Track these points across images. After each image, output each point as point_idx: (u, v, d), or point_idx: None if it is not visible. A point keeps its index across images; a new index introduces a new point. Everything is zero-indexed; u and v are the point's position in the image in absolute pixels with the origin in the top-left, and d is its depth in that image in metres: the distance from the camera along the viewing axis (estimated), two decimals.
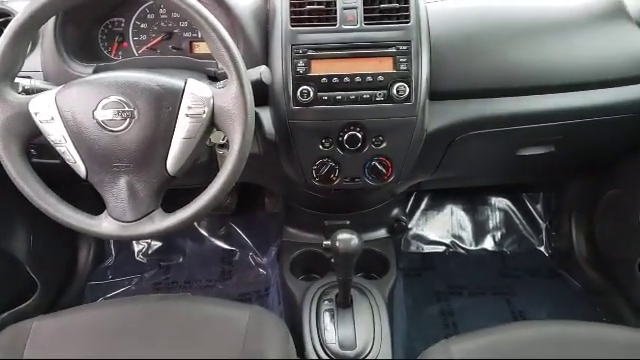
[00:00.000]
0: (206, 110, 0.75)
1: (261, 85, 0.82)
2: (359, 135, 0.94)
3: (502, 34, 1.00)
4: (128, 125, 0.74)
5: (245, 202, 1.66)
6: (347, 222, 1.26)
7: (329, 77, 0.92)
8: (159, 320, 0.86)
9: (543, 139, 1.12)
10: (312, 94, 0.91)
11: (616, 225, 1.38)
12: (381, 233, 1.35)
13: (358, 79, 0.92)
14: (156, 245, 1.67)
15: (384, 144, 0.96)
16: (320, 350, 1.00)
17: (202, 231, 1.69)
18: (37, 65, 0.96)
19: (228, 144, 0.76)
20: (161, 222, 0.77)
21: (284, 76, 0.92)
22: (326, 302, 1.08)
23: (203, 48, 1.02)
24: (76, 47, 0.96)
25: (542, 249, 1.69)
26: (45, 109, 0.74)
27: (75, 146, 0.75)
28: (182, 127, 0.75)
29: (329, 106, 0.92)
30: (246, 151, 0.75)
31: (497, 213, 1.74)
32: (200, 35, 1.01)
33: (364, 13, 0.92)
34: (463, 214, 1.74)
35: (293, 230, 1.34)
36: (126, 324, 0.84)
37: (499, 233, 1.72)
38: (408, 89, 0.91)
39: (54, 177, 0.84)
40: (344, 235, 0.91)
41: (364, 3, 0.92)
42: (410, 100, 0.92)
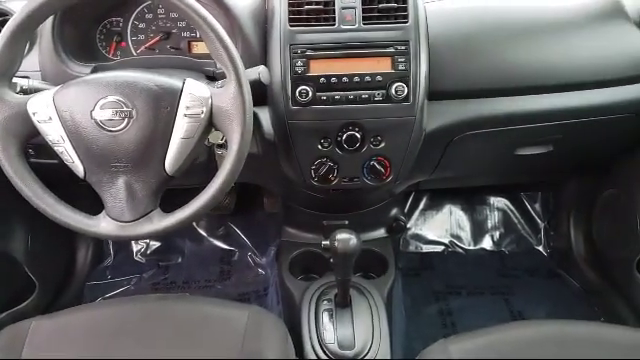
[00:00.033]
0: (204, 110, 0.75)
1: (260, 85, 0.82)
2: (358, 135, 0.94)
3: (500, 34, 1.00)
4: (126, 125, 0.73)
5: (244, 202, 1.66)
6: (346, 222, 1.25)
7: (328, 77, 0.92)
8: (158, 320, 0.85)
9: (541, 139, 1.12)
10: (311, 94, 0.91)
11: (613, 225, 1.38)
12: (380, 233, 1.35)
13: (357, 79, 0.92)
14: (155, 245, 1.67)
15: (383, 144, 0.96)
16: (319, 350, 1.00)
17: (201, 231, 1.69)
18: (35, 65, 0.95)
19: (227, 144, 0.76)
20: (159, 222, 0.77)
21: (283, 76, 0.92)
22: (325, 302, 1.08)
23: (201, 48, 1.01)
24: (74, 47, 0.96)
25: (540, 249, 1.69)
26: (43, 109, 0.74)
27: (73, 146, 0.75)
28: (180, 127, 0.75)
29: (328, 106, 0.92)
30: (245, 151, 0.75)
31: (495, 213, 1.74)
32: (198, 35, 1.01)
33: (363, 13, 0.92)
34: (462, 214, 1.74)
35: (292, 230, 1.34)
36: (125, 324, 0.84)
37: (497, 233, 1.72)
38: (407, 89, 0.91)
39: (52, 177, 0.84)
40: (343, 235, 0.91)
41: (363, 3, 0.92)
42: (409, 100, 0.92)
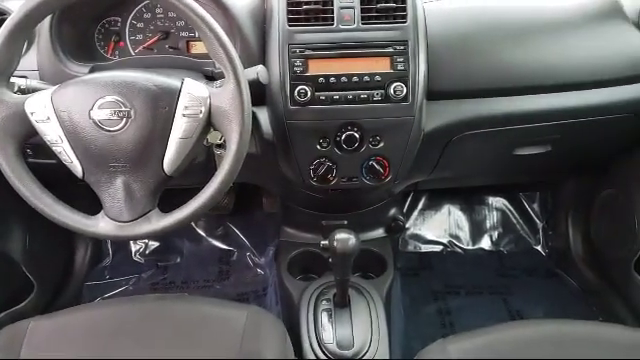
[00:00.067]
0: (203, 110, 0.75)
1: (258, 85, 0.82)
2: (356, 135, 0.94)
3: (498, 34, 1.00)
4: (125, 125, 0.73)
5: (243, 202, 1.66)
6: (345, 222, 1.25)
7: (326, 77, 0.91)
8: (156, 320, 0.85)
9: (539, 139, 1.12)
10: (309, 94, 0.91)
11: (612, 225, 1.39)
12: (379, 233, 1.35)
13: (355, 79, 0.92)
14: (153, 245, 1.67)
15: (381, 144, 0.96)
16: (318, 350, 1.00)
17: (199, 231, 1.69)
18: (33, 64, 0.95)
19: (225, 144, 0.76)
20: (158, 222, 0.77)
21: (281, 76, 0.91)
22: (324, 302, 1.08)
23: (200, 48, 1.01)
24: (72, 46, 0.95)
25: (539, 248, 1.69)
26: (41, 109, 0.74)
27: (71, 146, 0.75)
28: (179, 127, 0.75)
29: (326, 106, 0.92)
30: (243, 151, 0.75)
31: (494, 213, 1.74)
32: (197, 35, 1.01)
33: (361, 13, 0.92)
34: (460, 214, 1.74)
35: (291, 230, 1.34)
36: (123, 324, 0.84)
37: (496, 233, 1.72)
38: (405, 89, 0.91)
39: (50, 177, 0.84)
40: (342, 235, 0.92)
41: (361, 3, 0.92)
42: (407, 100, 0.92)
